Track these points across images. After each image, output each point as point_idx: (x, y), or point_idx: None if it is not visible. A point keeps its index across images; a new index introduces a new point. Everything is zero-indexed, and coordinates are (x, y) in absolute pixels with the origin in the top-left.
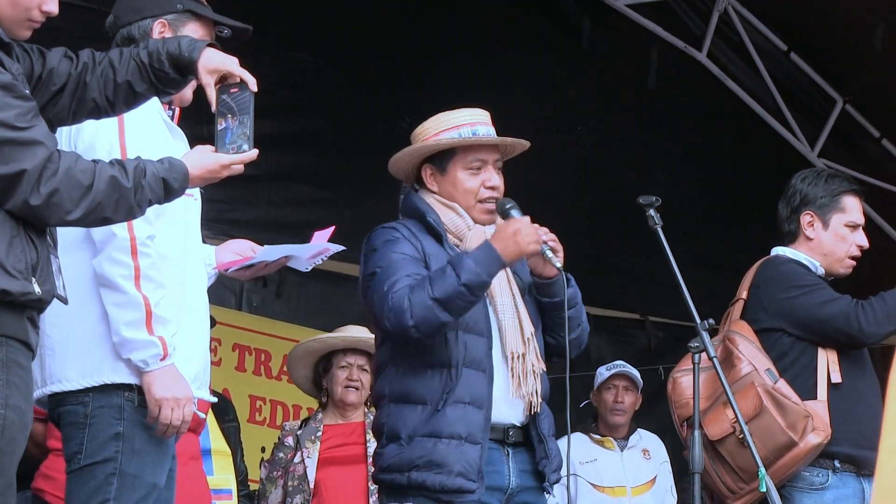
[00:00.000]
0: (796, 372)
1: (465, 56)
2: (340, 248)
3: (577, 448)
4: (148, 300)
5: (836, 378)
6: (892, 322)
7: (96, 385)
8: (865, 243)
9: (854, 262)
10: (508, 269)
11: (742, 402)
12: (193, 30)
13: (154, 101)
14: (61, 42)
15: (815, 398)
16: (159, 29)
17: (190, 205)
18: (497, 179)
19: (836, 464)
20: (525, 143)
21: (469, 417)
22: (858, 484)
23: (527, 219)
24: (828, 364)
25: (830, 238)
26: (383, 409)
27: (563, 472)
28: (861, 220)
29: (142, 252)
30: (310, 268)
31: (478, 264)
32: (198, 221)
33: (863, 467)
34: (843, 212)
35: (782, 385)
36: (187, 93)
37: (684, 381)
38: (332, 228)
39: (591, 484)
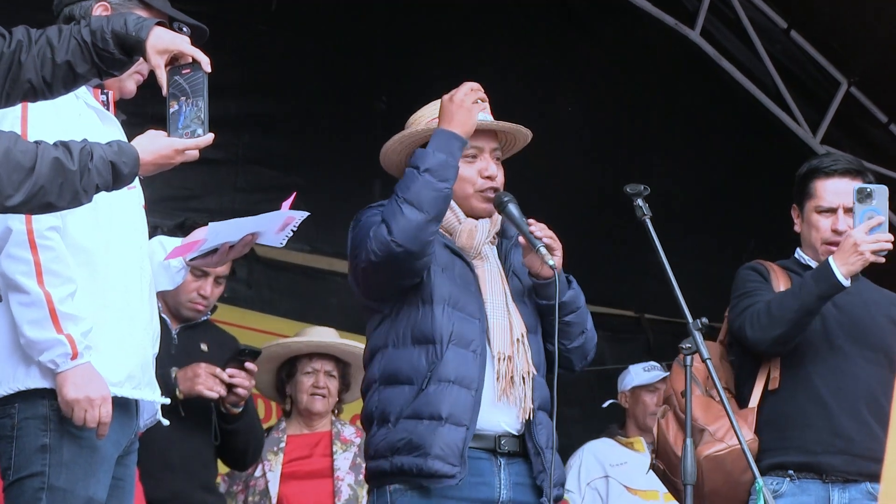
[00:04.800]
0: (747, 383)
1: (445, 32)
2: (305, 213)
3: (607, 451)
4: (51, 297)
5: (773, 384)
6: (777, 325)
7: (13, 392)
8: (841, 227)
9: (833, 248)
10: (501, 267)
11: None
12: None
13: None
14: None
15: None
16: (100, 12)
17: (122, 192)
18: (494, 169)
19: (791, 472)
20: (527, 133)
21: (453, 397)
22: (824, 491)
23: (466, 86)
24: (769, 370)
25: (807, 228)
26: (373, 395)
27: (593, 476)
28: (835, 201)
29: (42, 245)
30: (283, 242)
31: (434, 148)
32: (136, 211)
33: (828, 473)
34: (812, 197)
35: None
36: (130, 84)
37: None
38: (293, 195)
39: (625, 486)
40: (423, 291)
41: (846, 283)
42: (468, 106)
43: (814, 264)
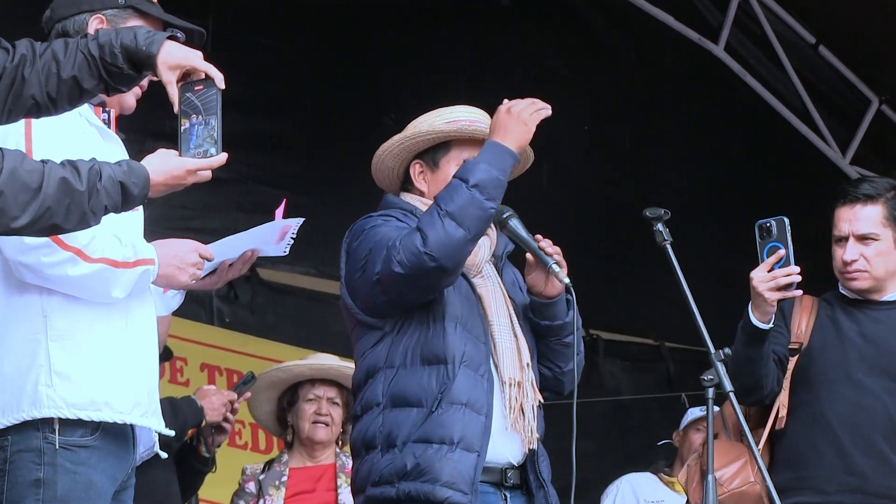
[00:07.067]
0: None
1: (455, 48)
2: (300, 220)
3: (645, 486)
4: (106, 258)
5: (780, 424)
6: (735, 377)
7: (15, 423)
8: (846, 256)
9: (851, 277)
10: (504, 287)
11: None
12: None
13: None
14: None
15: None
16: (96, 25)
17: (125, 215)
18: None
19: None
20: (528, 153)
21: (465, 420)
22: None
23: (528, 100)
24: (777, 409)
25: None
26: (376, 417)
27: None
28: (844, 230)
29: (64, 238)
30: (286, 250)
31: (485, 162)
32: (138, 234)
33: None
34: (832, 226)
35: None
36: (130, 100)
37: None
38: (283, 202)
39: None
40: (433, 309)
41: (763, 326)
42: (526, 119)
43: (848, 294)
